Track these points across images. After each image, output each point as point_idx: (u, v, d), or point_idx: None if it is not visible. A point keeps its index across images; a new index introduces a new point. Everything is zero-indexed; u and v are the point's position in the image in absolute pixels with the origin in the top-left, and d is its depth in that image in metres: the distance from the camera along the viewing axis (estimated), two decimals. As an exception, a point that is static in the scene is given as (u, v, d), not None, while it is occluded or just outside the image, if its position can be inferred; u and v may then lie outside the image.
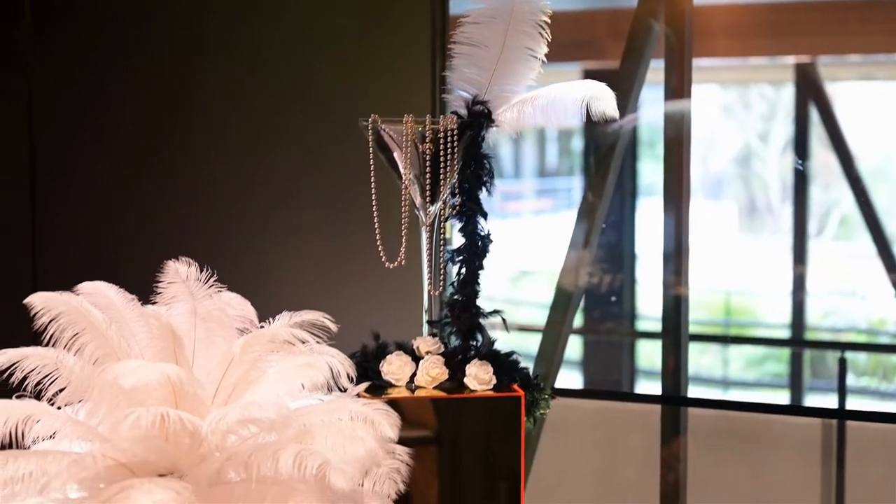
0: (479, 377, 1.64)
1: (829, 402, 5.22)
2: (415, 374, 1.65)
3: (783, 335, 6.41)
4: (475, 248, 1.68)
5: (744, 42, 4.97)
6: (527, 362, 1.73)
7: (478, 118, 1.68)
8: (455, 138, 1.64)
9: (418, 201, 1.67)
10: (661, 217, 3.30)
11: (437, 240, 1.69)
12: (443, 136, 1.64)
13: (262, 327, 1.45)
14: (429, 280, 1.69)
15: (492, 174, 1.69)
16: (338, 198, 2.87)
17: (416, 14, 2.81)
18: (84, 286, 1.45)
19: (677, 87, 3.21)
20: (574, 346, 5.58)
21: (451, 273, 1.70)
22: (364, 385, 1.56)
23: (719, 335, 7.10)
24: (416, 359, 1.67)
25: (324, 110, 2.89)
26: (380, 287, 2.72)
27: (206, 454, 1.29)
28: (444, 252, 1.69)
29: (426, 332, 1.71)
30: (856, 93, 6.44)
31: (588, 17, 5.06)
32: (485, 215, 1.69)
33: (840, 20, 4.92)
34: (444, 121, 1.64)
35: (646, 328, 5.88)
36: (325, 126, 2.88)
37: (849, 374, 4.51)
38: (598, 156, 3.51)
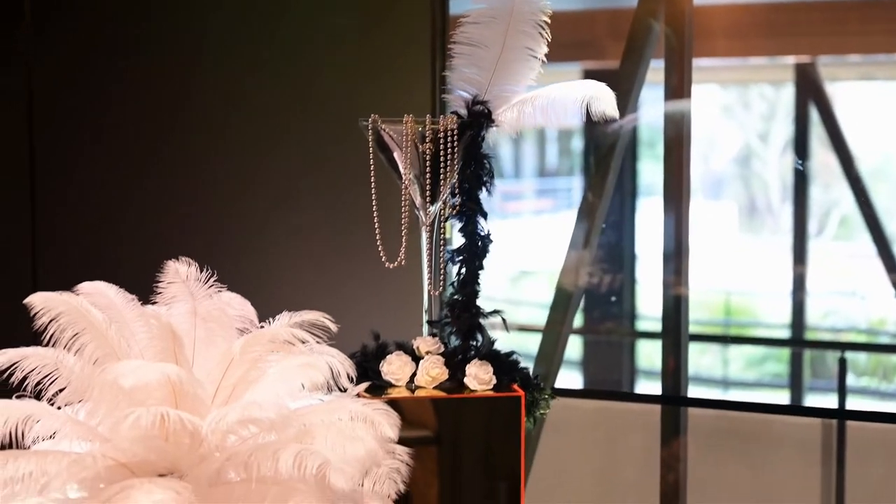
0: (479, 377, 1.64)
1: (829, 403, 5.22)
2: (415, 374, 1.65)
3: (783, 335, 6.41)
4: (475, 248, 1.68)
5: (744, 42, 4.97)
6: (527, 362, 1.73)
7: (478, 118, 1.68)
8: (455, 138, 1.64)
9: (418, 201, 1.67)
10: (661, 217, 3.30)
11: (437, 240, 1.68)
12: (443, 136, 1.64)
13: (262, 327, 1.45)
14: (429, 280, 1.69)
15: (492, 174, 1.69)
16: (338, 198, 2.87)
17: (416, 14, 2.81)
18: (84, 286, 1.45)
19: (677, 87, 3.21)
20: (574, 347, 5.58)
21: (451, 273, 1.70)
22: (364, 385, 1.56)
23: (719, 335, 7.10)
24: (416, 359, 1.66)
25: (324, 110, 2.89)
26: (380, 287, 2.72)
27: (206, 454, 1.29)
28: (444, 252, 1.69)
29: (426, 332, 1.71)
30: (856, 93, 6.44)
31: (588, 18, 5.06)
32: (485, 215, 1.69)
33: (840, 20, 4.92)
34: (444, 121, 1.64)
35: (646, 328, 5.88)
36: (325, 126, 2.88)
37: (849, 375, 4.51)
38: (598, 156, 3.51)
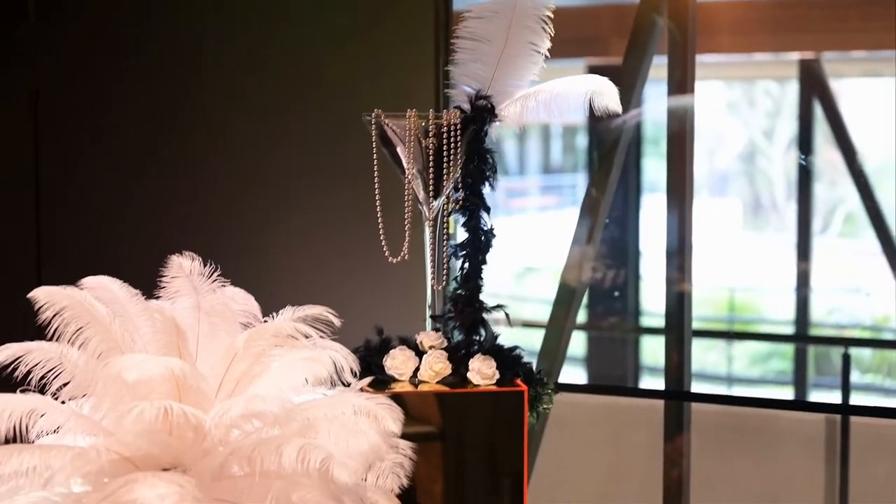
0: (482, 372, 1.64)
1: (834, 400, 5.22)
2: (418, 369, 1.65)
3: (788, 332, 6.40)
4: (478, 243, 1.68)
5: (747, 38, 4.96)
6: (530, 358, 1.73)
7: (481, 113, 1.68)
8: (458, 133, 1.64)
9: (421, 196, 1.67)
10: (664, 213, 3.30)
11: (440, 235, 1.68)
12: (446, 130, 1.64)
13: (266, 322, 1.45)
14: (432, 275, 1.69)
15: (495, 169, 1.69)
16: (341, 193, 2.87)
17: (420, 9, 2.81)
18: (88, 280, 1.45)
19: (680, 82, 3.21)
20: (578, 343, 5.58)
21: (454, 268, 1.70)
22: (367, 380, 1.56)
23: (722, 331, 7.10)
24: (420, 353, 1.66)
25: (327, 106, 2.89)
26: (383, 282, 2.72)
27: (209, 448, 1.30)
28: (448, 247, 1.69)
29: (429, 327, 1.71)
30: (860, 89, 6.43)
31: (593, 13, 5.06)
32: (488, 210, 1.69)
33: (844, 16, 4.91)
34: (448, 115, 1.64)
35: (650, 324, 5.88)
36: (328, 121, 2.88)
37: (854, 372, 4.51)
38: (602, 151, 3.51)
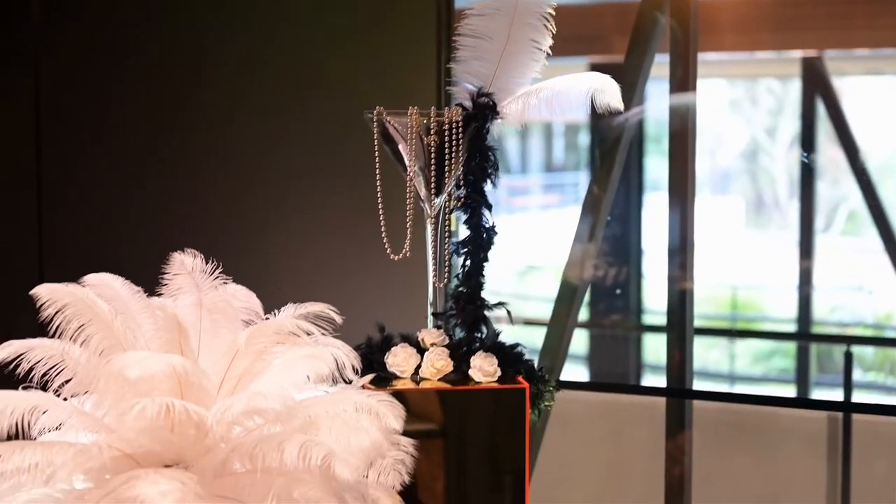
0: (483, 369, 1.64)
1: (836, 398, 5.22)
2: (420, 366, 1.65)
3: (790, 330, 6.40)
4: (480, 240, 1.68)
5: (750, 36, 4.96)
6: (532, 356, 1.73)
7: (483, 110, 1.68)
8: (460, 130, 1.64)
9: (423, 193, 1.67)
10: (666, 211, 3.30)
11: (441, 232, 1.69)
12: (448, 128, 1.64)
13: (268, 319, 1.45)
14: (434, 272, 1.69)
15: (496, 166, 1.69)
16: (342, 191, 2.87)
17: (422, 6, 2.80)
18: (90, 278, 1.45)
19: (682, 80, 3.20)
20: (580, 341, 5.58)
21: (455, 265, 1.71)
22: (369, 377, 1.56)
23: (724, 329, 7.10)
24: (421, 351, 1.67)
25: (329, 103, 2.89)
26: (385, 279, 2.72)
27: (211, 445, 1.30)
28: (449, 244, 1.69)
29: (431, 324, 1.71)
30: (863, 87, 6.43)
31: (595, 11, 5.05)
32: (489, 207, 1.69)
33: (846, 14, 4.91)
34: (449, 113, 1.64)
35: (652, 322, 5.88)
36: (330, 118, 2.88)
37: (856, 370, 4.51)
38: (604, 149, 3.51)
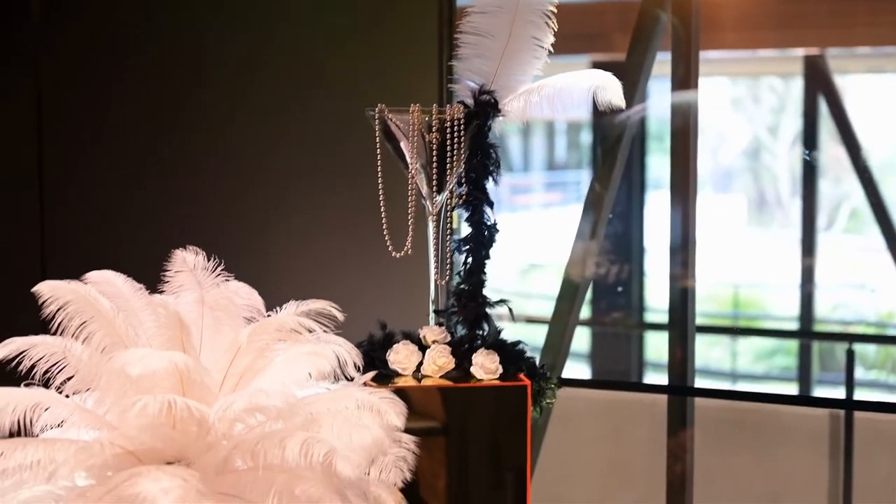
0: (485, 366, 1.64)
1: (838, 396, 5.22)
2: (421, 364, 1.65)
3: (792, 328, 6.40)
4: (482, 238, 1.68)
5: (752, 34, 4.95)
6: (533, 353, 1.73)
7: (484, 108, 1.68)
8: (462, 128, 1.64)
9: (425, 191, 1.67)
10: (668, 209, 3.30)
11: (443, 229, 1.69)
12: (449, 125, 1.64)
13: (269, 316, 1.46)
14: (435, 269, 1.69)
15: (498, 164, 1.69)
16: (344, 190, 2.87)
17: (423, 5, 2.80)
18: (92, 275, 1.45)
19: (684, 78, 3.20)
20: (582, 339, 5.58)
21: (457, 262, 1.71)
22: (370, 374, 1.57)
23: (726, 327, 7.10)
24: (423, 348, 1.67)
25: (331, 100, 2.89)
26: (386, 276, 2.72)
27: (213, 442, 1.30)
28: (451, 241, 1.69)
29: (433, 322, 1.71)
30: (865, 85, 6.42)
31: (596, 9, 5.05)
32: (491, 205, 1.69)
33: (849, 12, 4.90)
34: (451, 110, 1.64)
35: (654, 320, 5.87)
36: (332, 116, 2.88)
37: (858, 368, 4.51)
38: (605, 146, 3.51)
